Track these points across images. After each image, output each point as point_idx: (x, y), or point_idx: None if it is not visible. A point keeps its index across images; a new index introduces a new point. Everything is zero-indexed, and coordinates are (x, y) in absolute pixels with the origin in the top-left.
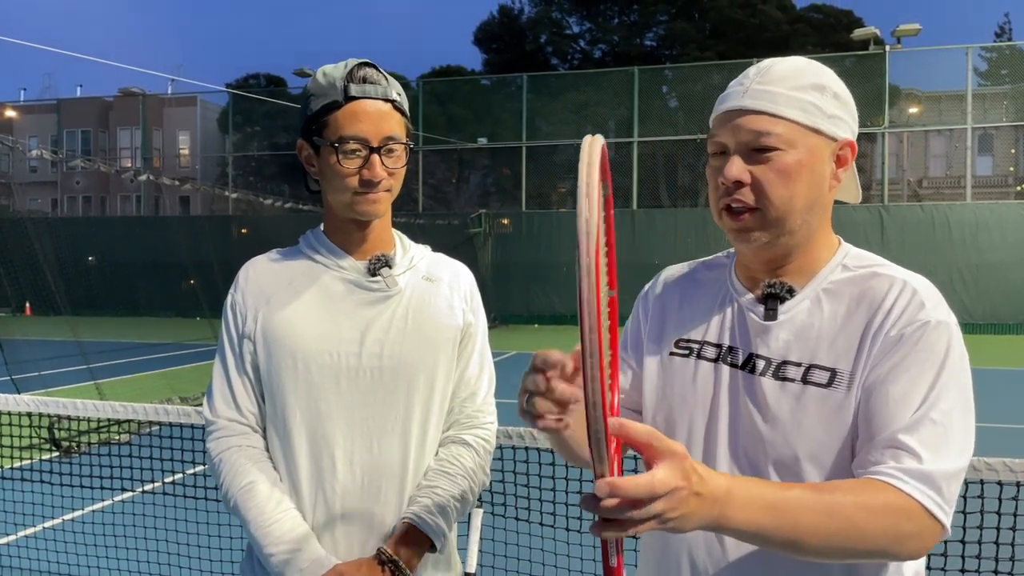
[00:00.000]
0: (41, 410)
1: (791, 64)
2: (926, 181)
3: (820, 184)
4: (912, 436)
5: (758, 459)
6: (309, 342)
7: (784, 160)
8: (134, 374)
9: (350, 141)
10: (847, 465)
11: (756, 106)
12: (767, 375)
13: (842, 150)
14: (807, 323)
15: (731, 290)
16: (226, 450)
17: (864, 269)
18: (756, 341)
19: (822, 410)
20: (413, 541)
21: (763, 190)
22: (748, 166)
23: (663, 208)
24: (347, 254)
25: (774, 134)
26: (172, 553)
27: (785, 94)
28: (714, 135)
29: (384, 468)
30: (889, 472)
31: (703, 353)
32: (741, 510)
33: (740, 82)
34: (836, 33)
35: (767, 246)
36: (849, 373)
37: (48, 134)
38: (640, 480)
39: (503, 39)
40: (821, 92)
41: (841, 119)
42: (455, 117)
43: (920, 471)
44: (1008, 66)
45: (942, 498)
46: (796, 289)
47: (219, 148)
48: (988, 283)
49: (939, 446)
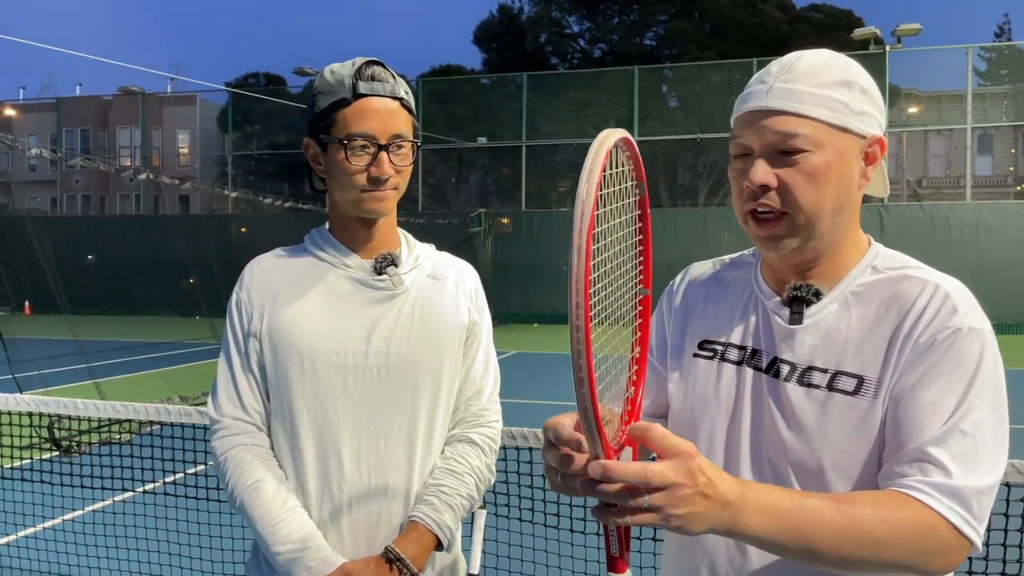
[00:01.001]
0: (41, 409)
1: (816, 59)
2: (926, 181)
3: (849, 184)
4: (941, 449)
5: (781, 467)
6: (315, 340)
7: (812, 162)
8: (134, 373)
9: (359, 138)
10: (873, 476)
11: (781, 106)
12: (792, 381)
13: (871, 147)
14: (834, 328)
15: (757, 291)
16: (231, 449)
17: (894, 271)
18: (781, 345)
19: (848, 418)
20: (420, 539)
21: (791, 194)
22: (774, 169)
23: (663, 208)
24: (353, 252)
25: (801, 135)
26: (172, 553)
27: (811, 92)
28: (737, 136)
29: (391, 466)
30: (916, 486)
31: (727, 355)
32: (755, 516)
33: (762, 79)
34: (836, 33)
35: (795, 252)
36: (876, 380)
37: (47, 133)
38: (633, 465)
39: (503, 38)
40: (848, 88)
41: (869, 115)
42: (455, 116)
43: (949, 486)
44: (1008, 66)
45: (971, 515)
46: (823, 292)
47: (218, 147)
48: (988, 283)
49: (969, 460)
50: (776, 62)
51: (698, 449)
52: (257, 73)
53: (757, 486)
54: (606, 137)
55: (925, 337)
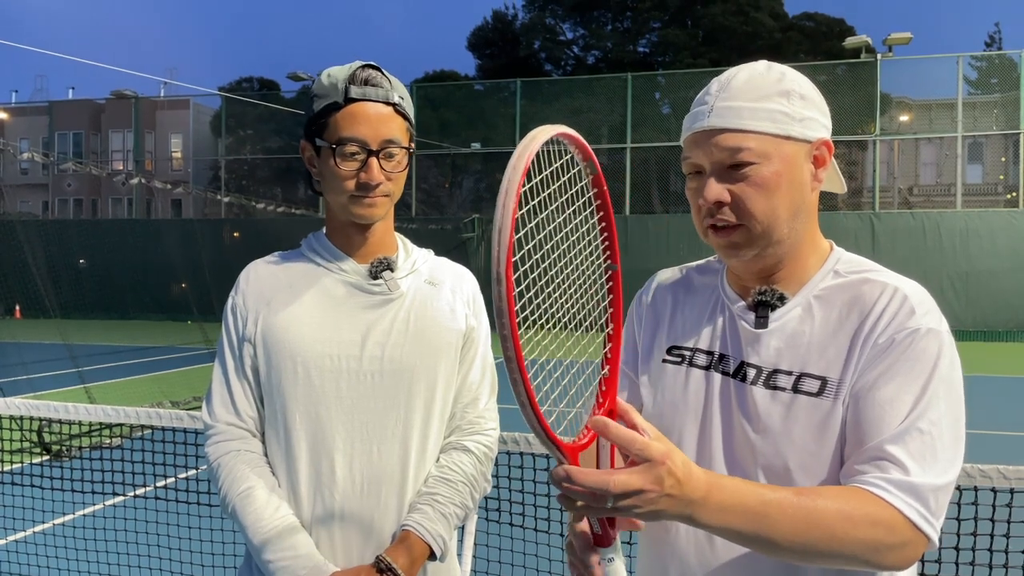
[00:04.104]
0: (32, 413)
1: (751, 73)
2: (916, 189)
3: (801, 190)
4: (899, 447)
5: (751, 469)
6: (309, 345)
7: (761, 173)
8: (124, 378)
9: (348, 143)
10: (838, 475)
11: (723, 124)
12: (758, 384)
13: (818, 150)
14: (798, 331)
15: (723, 297)
16: (224, 455)
17: (856, 275)
18: (747, 349)
19: (812, 419)
20: (413, 549)
21: (744, 207)
22: (726, 184)
23: (656, 214)
24: (349, 257)
25: (746, 149)
26: (163, 558)
27: (750, 107)
28: (687, 157)
29: (384, 474)
30: (875, 482)
31: (695, 361)
32: (715, 513)
33: (703, 100)
34: (828, 41)
35: (756, 259)
36: (838, 381)
37: (39, 136)
38: (595, 475)
39: (497, 44)
40: (787, 97)
41: (812, 119)
42: (449, 122)
43: (906, 483)
44: (998, 75)
45: (928, 511)
46: (787, 296)
47: (212, 151)
48: (978, 290)
49: (926, 457)
50: (715, 80)
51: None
52: (251, 78)
53: (724, 483)
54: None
55: (884, 338)
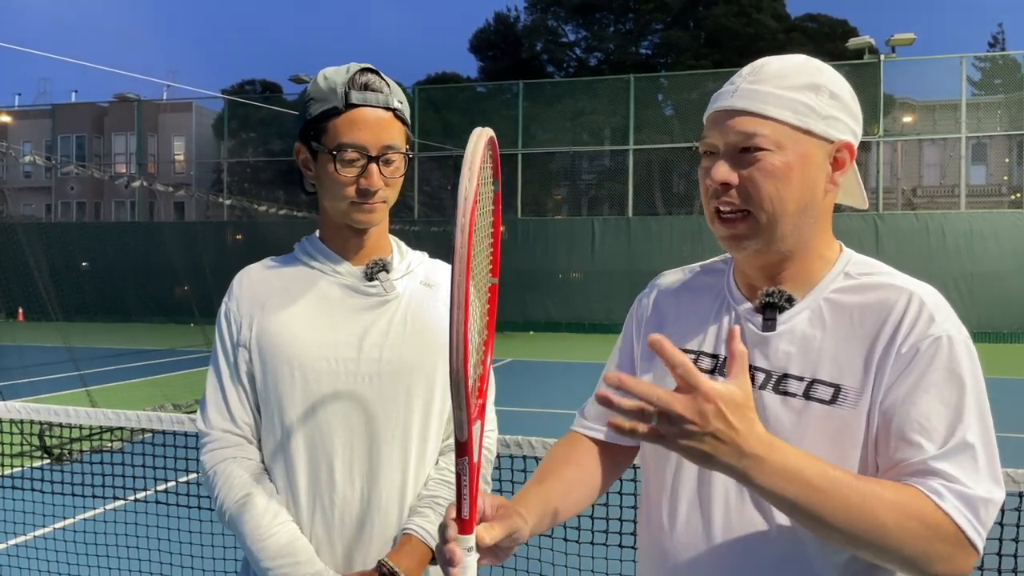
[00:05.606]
0: (32, 417)
1: (786, 62)
2: (920, 190)
3: (812, 188)
4: (947, 463)
5: None
6: (305, 348)
7: (772, 161)
8: (126, 381)
9: (348, 149)
10: None
11: (744, 106)
12: (767, 389)
13: (839, 152)
14: (808, 335)
15: (728, 298)
16: (221, 462)
17: (867, 277)
18: (755, 352)
19: (826, 428)
20: (415, 553)
21: (750, 192)
22: (737, 168)
23: (658, 216)
24: (344, 260)
25: (760, 135)
26: (164, 563)
27: (775, 94)
28: (705, 136)
29: (384, 476)
30: (932, 486)
31: (699, 364)
32: (771, 476)
33: (733, 81)
34: (831, 42)
35: (760, 253)
36: (856, 390)
37: (42, 139)
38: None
39: (499, 47)
40: (816, 92)
41: (838, 120)
42: (451, 124)
43: (960, 491)
44: (1001, 76)
45: (979, 520)
46: (796, 298)
47: (214, 154)
48: (982, 292)
49: (973, 471)
50: (749, 65)
51: (674, 461)
52: (253, 80)
53: (786, 448)
54: (479, 138)
55: (907, 347)
